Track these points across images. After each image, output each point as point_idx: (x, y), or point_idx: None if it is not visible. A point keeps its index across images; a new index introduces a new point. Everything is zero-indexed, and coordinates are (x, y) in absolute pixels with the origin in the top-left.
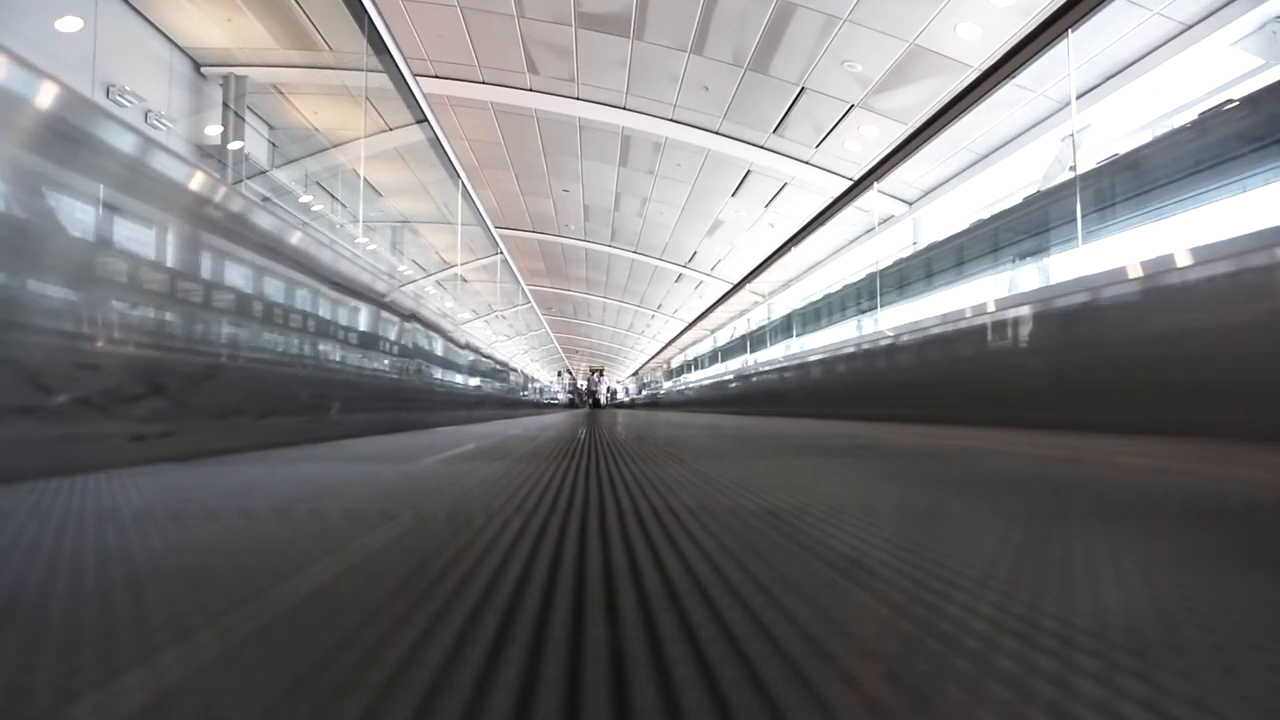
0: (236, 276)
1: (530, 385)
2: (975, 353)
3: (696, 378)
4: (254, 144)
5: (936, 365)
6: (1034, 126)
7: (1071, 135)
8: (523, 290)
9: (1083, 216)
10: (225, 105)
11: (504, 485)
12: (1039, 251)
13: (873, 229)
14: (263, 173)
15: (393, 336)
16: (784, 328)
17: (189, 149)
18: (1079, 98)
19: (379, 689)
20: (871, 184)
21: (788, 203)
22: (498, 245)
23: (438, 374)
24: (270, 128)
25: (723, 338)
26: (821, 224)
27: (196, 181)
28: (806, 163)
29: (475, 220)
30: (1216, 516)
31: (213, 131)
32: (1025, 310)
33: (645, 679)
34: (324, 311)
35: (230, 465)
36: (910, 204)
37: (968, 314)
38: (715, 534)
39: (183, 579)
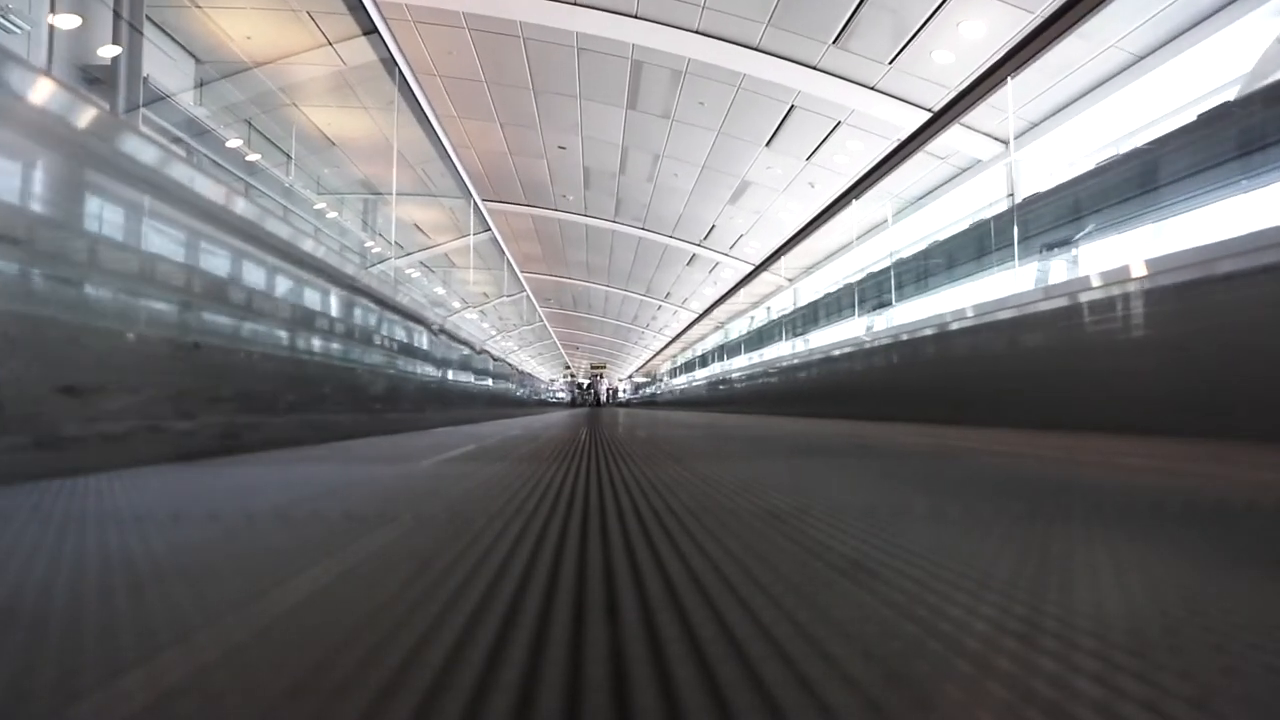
0: (113, 225)
1: (532, 385)
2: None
3: (703, 375)
4: (164, 70)
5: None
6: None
7: None
8: (518, 278)
9: None
10: (116, 13)
11: (505, 487)
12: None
13: (926, 192)
14: (162, 98)
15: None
16: (809, 317)
17: (68, 70)
18: None
19: (380, 689)
20: (970, 108)
21: (837, 152)
22: (475, 207)
23: (452, 376)
24: (197, 61)
25: (735, 331)
26: (884, 174)
27: (43, 95)
28: (872, 88)
29: (453, 183)
30: (1217, 517)
31: (102, 50)
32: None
33: (646, 679)
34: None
35: (230, 466)
36: (1007, 143)
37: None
38: (716, 535)
39: (183, 580)
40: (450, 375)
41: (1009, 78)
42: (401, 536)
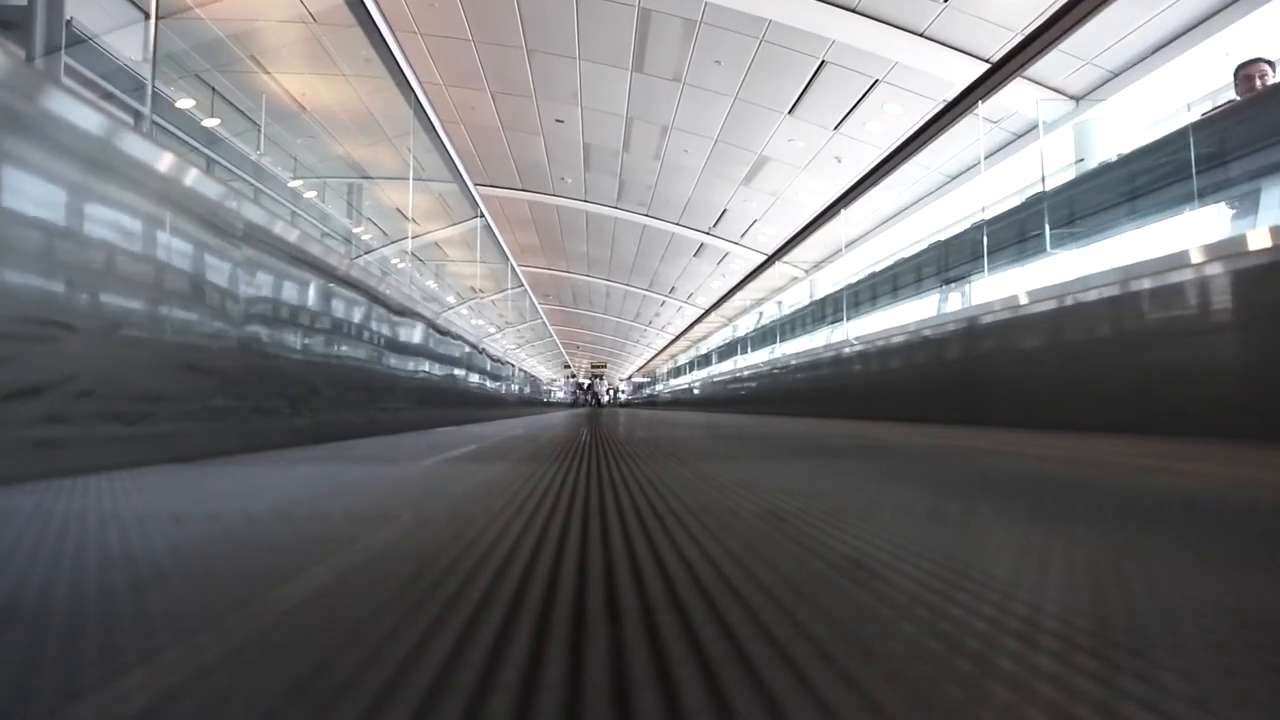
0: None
1: (534, 384)
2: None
3: (706, 375)
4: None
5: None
6: None
7: None
8: (514, 271)
9: None
10: None
11: (505, 487)
12: None
13: (966, 169)
14: (83, 40)
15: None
16: (816, 314)
17: None
18: None
19: (380, 689)
20: (1044, 50)
21: (871, 118)
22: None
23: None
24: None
25: (741, 328)
26: (930, 138)
27: None
28: (921, 35)
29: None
30: (1218, 517)
31: None
32: None
33: (646, 679)
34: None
35: (231, 466)
36: (1077, 100)
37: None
38: (716, 534)
39: (184, 580)
40: (364, 353)
41: None
42: (403, 537)
